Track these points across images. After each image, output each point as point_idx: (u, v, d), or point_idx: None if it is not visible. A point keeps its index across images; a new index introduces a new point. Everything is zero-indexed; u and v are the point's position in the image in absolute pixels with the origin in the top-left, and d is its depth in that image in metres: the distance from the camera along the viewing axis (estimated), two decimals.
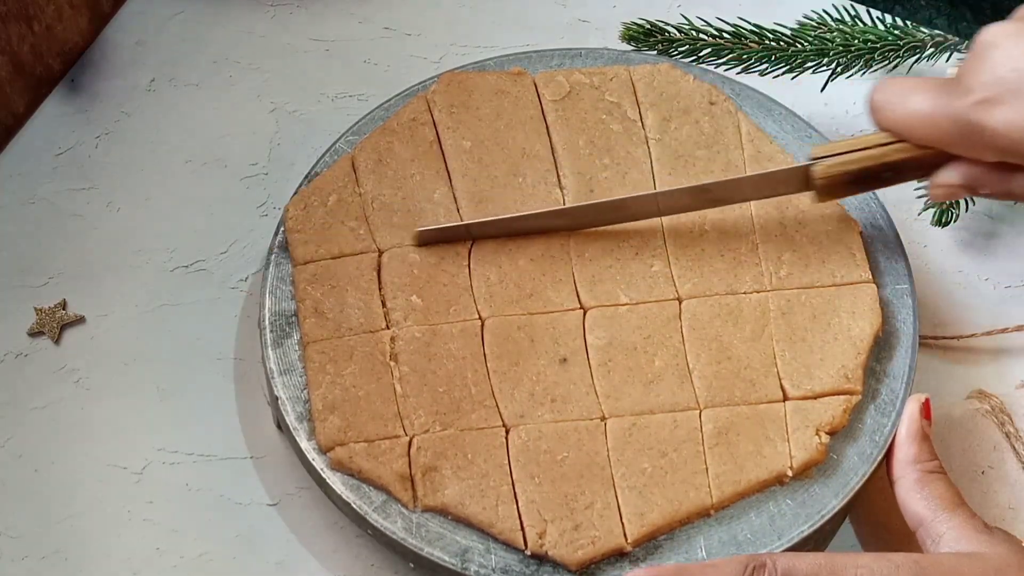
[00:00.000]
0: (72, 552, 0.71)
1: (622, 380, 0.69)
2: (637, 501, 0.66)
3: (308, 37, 0.92)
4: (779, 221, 0.74)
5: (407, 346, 0.70)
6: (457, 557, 0.65)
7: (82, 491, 0.73)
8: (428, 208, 0.75)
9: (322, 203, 0.75)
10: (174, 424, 0.75)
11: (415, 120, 0.78)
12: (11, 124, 0.87)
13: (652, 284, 0.72)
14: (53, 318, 0.78)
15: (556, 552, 0.65)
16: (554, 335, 0.71)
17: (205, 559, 0.71)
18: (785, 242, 0.74)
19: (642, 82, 0.80)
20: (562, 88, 0.79)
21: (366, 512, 0.66)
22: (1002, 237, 0.83)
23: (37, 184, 0.84)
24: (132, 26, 0.93)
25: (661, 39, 0.85)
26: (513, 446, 0.67)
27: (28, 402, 0.76)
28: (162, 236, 0.82)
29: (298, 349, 0.71)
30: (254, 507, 0.72)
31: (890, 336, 0.72)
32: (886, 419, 0.69)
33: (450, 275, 0.72)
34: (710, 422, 0.68)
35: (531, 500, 0.66)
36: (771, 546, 0.66)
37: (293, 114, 0.88)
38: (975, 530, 0.60)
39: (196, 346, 0.78)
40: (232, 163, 0.86)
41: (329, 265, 0.73)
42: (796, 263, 0.73)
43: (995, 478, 0.72)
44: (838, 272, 0.73)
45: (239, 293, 0.80)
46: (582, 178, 0.76)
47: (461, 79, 0.80)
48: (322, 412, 0.68)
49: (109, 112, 0.88)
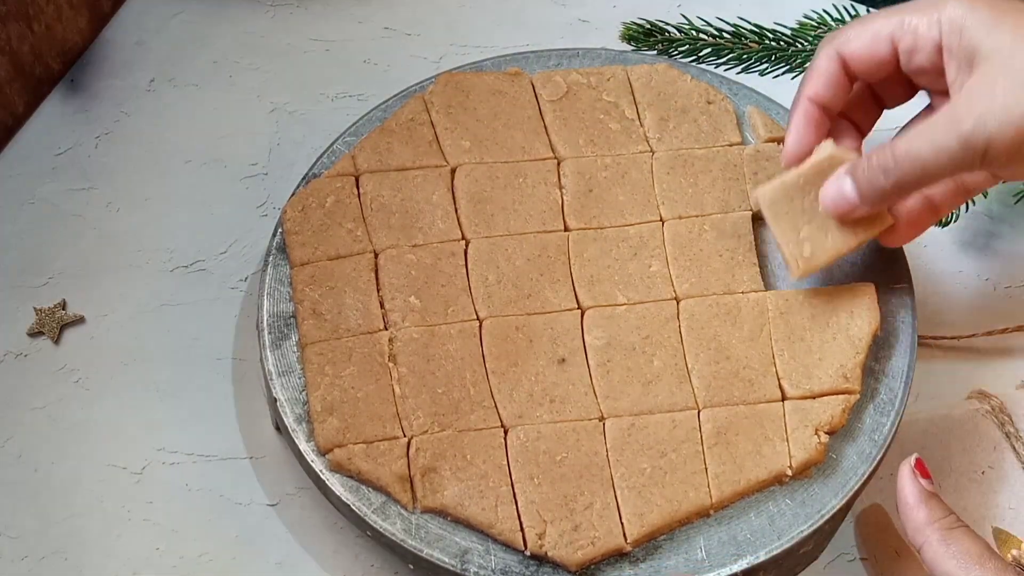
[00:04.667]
0: (72, 552, 0.71)
1: (621, 380, 0.69)
2: (636, 501, 0.66)
3: (308, 37, 0.92)
4: None
5: (405, 347, 0.70)
6: (456, 558, 0.65)
7: (82, 491, 0.73)
8: (427, 209, 0.75)
9: (320, 205, 0.75)
10: (174, 424, 0.75)
11: (413, 120, 0.78)
12: (11, 124, 0.87)
13: (650, 284, 0.72)
14: (53, 318, 0.78)
15: (556, 553, 0.65)
16: (552, 335, 0.71)
17: (205, 559, 0.71)
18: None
19: (640, 82, 0.80)
20: (559, 88, 0.79)
21: (365, 513, 0.66)
22: (1002, 237, 0.83)
23: (37, 184, 0.84)
24: (132, 26, 0.93)
25: (661, 39, 0.85)
26: (512, 447, 0.67)
27: (28, 402, 0.76)
28: (162, 236, 0.82)
29: (296, 351, 0.71)
30: (254, 508, 0.72)
31: (889, 335, 0.72)
32: (885, 418, 0.69)
33: (448, 276, 0.72)
34: (709, 422, 0.68)
35: (530, 501, 0.66)
36: (771, 546, 0.66)
37: (293, 114, 0.88)
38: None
39: (196, 346, 0.78)
40: (232, 163, 0.86)
41: (327, 266, 0.73)
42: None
43: (995, 478, 0.72)
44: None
45: (239, 293, 0.80)
46: (582, 178, 0.76)
47: (458, 80, 0.80)
48: (321, 413, 0.68)
49: (109, 112, 0.88)
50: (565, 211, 0.75)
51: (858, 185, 0.65)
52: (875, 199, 0.65)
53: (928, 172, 0.61)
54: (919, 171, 0.61)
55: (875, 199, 0.65)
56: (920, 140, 0.61)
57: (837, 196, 0.66)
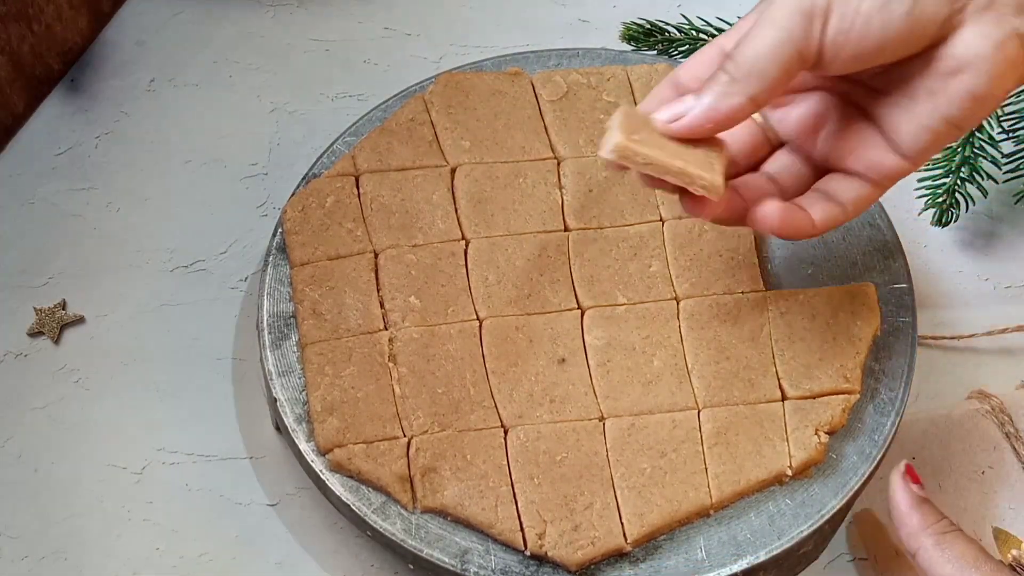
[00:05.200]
0: (72, 552, 0.71)
1: (621, 380, 0.69)
2: (636, 501, 0.66)
3: (308, 37, 0.92)
4: None
5: (405, 347, 0.70)
6: (456, 558, 0.65)
7: (82, 491, 0.73)
8: (427, 209, 0.75)
9: (320, 205, 0.75)
10: (174, 424, 0.75)
11: (413, 120, 0.78)
12: (11, 124, 0.87)
13: (650, 284, 0.72)
14: (53, 318, 0.78)
15: (556, 553, 0.65)
16: (552, 335, 0.71)
17: (205, 559, 0.71)
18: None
19: (639, 82, 0.80)
20: (559, 88, 0.79)
21: (365, 513, 0.66)
22: (1002, 237, 0.83)
23: (37, 184, 0.84)
24: (132, 26, 0.93)
25: (661, 39, 0.85)
26: (512, 447, 0.67)
27: (28, 402, 0.76)
28: (162, 236, 0.82)
29: (297, 350, 0.71)
30: (254, 507, 0.72)
31: (889, 335, 0.72)
32: (885, 418, 0.69)
33: (448, 276, 0.72)
34: (709, 422, 0.68)
35: (530, 501, 0.66)
36: (771, 546, 0.66)
37: (293, 114, 0.88)
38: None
39: (196, 346, 0.78)
40: (232, 163, 0.86)
41: (327, 266, 0.73)
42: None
43: (995, 478, 0.72)
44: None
45: (239, 293, 0.80)
46: (582, 178, 0.76)
47: (458, 80, 0.80)
48: (321, 414, 0.68)
49: (109, 112, 0.88)
50: (565, 211, 0.75)
51: (706, 97, 0.59)
52: (725, 108, 0.59)
53: (775, 57, 0.57)
54: (765, 60, 0.57)
55: (725, 108, 0.59)
56: (757, 29, 0.57)
57: (683, 109, 0.60)
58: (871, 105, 0.61)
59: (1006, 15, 0.56)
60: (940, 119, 0.57)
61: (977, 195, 0.79)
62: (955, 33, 0.56)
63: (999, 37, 0.56)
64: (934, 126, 0.58)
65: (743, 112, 0.59)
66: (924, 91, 0.57)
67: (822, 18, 0.57)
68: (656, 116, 0.60)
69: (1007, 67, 0.56)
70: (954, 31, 0.56)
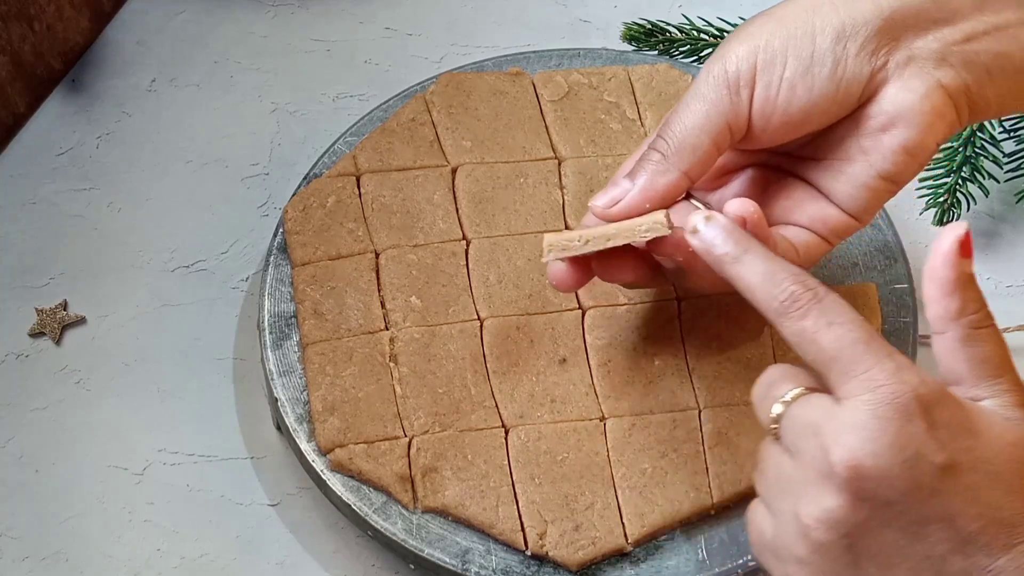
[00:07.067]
0: (73, 553, 0.71)
1: (622, 380, 0.69)
2: (637, 501, 0.66)
3: (309, 37, 0.92)
4: None
5: (406, 347, 0.70)
6: (457, 558, 0.65)
7: (83, 492, 0.73)
8: (428, 209, 0.75)
9: (321, 204, 0.75)
10: (175, 425, 0.75)
11: (414, 120, 0.78)
12: (12, 124, 0.87)
13: None
14: (54, 319, 0.78)
15: (556, 553, 0.65)
16: (553, 335, 0.71)
17: (206, 560, 0.71)
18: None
19: (640, 82, 0.80)
20: (560, 88, 0.79)
21: (366, 513, 0.66)
22: (1002, 237, 0.83)
23: (38, 184, 0.84)
24: (133, 26, 0.93)
25: (662, 39, 0.85)
26: (513, 447, 0.67)
27: (29, 403, 0.76)
28: (163, 236, 0.82)
29: (298, 350, 0.71)
30: (254, 508, 0.72)
31: (890, 336, 0.72)
32: None
33: (449, 276, 0.72)
34: (710, 422, 0.68)
35: (531, 501, 0.66)
36: None
37: (294, 114, 0.88)
38: (1015, 405, 0.51)
39: (197, 346, 0.78)
40: (233, 163, 0.86)
41: (328, 266, 0.73)
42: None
43: None
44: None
45: (240, 293, 0.80)
46: (583, 178, 0.76)
47: (459, 80, 0.80)
48: (322, 413, 0.68)
49: (110, 112, 0.88)
50: (566, 211, 0.75)
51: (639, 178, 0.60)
52: (661, 185, 0.60)
53: (704, 129, 0.58)
54: (694, 134, 0.59)
55: (661, 185, 0.60)
56: (684, 104, 0.59)
57: (619, 193, 0.61)
58: (806, 173, 0.61)
59: (927, 68, 0.57)
60: (875, 176, 0.58)
61: (978, 194, 0.79)
62: (881, 90, 0.58)
63: (924, 89, 0.57)
64: (871, 184, 0.59)
65: (678, 188, 0.60)
66: (857, 150, 0.58)
67: (748, 88, 0.58)
68: (592, 203, 0.61)
69: (935, 117, 0.57)
70: (880, 88, 0.58)
